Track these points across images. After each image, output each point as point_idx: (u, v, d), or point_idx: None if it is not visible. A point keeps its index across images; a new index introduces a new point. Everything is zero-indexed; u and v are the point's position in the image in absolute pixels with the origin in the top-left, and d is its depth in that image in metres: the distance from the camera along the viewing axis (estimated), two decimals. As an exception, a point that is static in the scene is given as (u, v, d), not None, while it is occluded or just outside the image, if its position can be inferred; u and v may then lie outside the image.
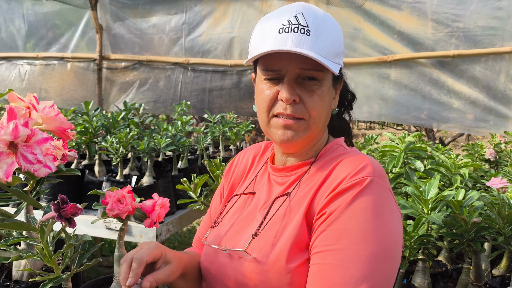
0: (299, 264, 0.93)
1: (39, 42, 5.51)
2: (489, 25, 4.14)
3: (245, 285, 0.99)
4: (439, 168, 2.02)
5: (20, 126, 0.63)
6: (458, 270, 1.84)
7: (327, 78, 1.02)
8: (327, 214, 0.92)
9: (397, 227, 0.93)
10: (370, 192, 0.91)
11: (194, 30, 5.06)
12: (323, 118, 1.04)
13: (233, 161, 1.31)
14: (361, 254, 0.86)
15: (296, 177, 1.08)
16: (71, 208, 0.88)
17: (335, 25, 1.02)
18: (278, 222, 1.00)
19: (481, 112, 4.20)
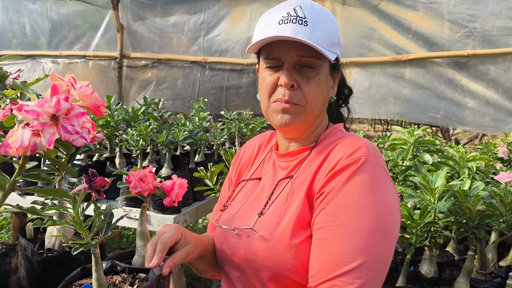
0: (302, 240, 1.01)
1: (62, 40, 5.68)
2: (505, 25, 4.15)
3: (253, 261, 1.08)
4: (447, 162, 2.07)
5: (61, 101, 0.73)
6: (464, 260, 1.89)
7: (324, 66, 1.10)
8: (326, 193, 1.00)
9: (393, 203, 0.99)
10: (365, 170, 0.98)
11: (213, 29, 5.17)
12: (319, 104, 1.11)
13: (240, 151, 1.41)
14: (358, 228, 0.93)
15: (298, 161, 1.16)
16: (100, 181, 0.97)
17: (331, 18, 1.11)
18: (282, 202, 1.09)
19: (497, 112, 4.21)
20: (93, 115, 1.64)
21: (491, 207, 1.55)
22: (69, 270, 1.14)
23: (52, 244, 1.19)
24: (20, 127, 0.76)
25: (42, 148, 0.76)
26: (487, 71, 4.18)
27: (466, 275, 1.59)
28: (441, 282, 1.72)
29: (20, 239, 1.22)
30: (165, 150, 2.72)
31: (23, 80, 1.18)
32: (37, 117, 0.72)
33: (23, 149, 0.75)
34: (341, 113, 1.31)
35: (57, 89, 0.74)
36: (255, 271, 1.07)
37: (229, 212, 1.22)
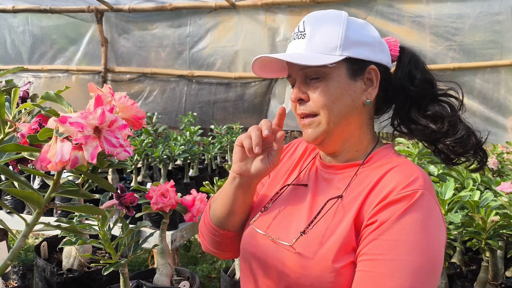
0: (344, 265, 0.97)
1: (43, 55, 5.58)
2: (487, 38, 4.26)
3: (287, 275, 1.03)
4: (450, 173, 2.08)
5: (106, 112, 0.69)
6: (473, 272, 1.89)
7: (335, 72, 1.05)
8: (379, 223, 0.95)
9: (442, 240, 0.97)
10: (421, 205, 0.95)
11: (198, 43, 5.15)
12: (336, 111, 1.06)
13: (288, 146, 1.35)
14: (410, 265, 0.90)
15: (344, 177, 1.11)
16: (130, 197, 0.93)
17: (335, 21, 1.06)
18: (327, 221, 1.03)
19: (481, 123, 4.29)
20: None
21: (507, 217, 1.55)
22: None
23: (71, 264, 1.13)
24: (59, 141, 0.71)
25: (83, 162, 0.71)
26: (473, 83, 4.27)
27: (481, 286, 1.58)
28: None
29: (38, 260, 1.15)
30: (161, 165, 2.66)
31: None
32: (82, 130, 0.67)
33: (63, 164, 0.71)
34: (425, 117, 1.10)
35: (101, 100, 0.70)
36: (288, 284, 1.03)
37: (268, 215, 1.16)
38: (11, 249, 0.74)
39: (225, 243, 1.25)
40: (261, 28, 4.91)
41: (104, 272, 0.87)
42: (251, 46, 4.98)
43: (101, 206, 0.91)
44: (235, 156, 1.13)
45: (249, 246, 1.14)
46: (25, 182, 0.77)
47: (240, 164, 1.12)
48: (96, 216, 0.88)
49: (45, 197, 0.74)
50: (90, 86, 0.76)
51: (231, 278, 2.00)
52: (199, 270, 4.13)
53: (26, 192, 0.68)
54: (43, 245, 1.21)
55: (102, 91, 0.76)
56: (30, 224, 0.75)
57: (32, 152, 0.78)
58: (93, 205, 0.81)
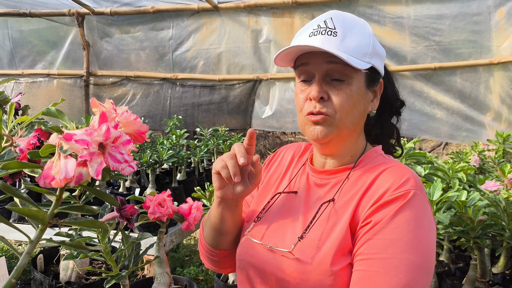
0: (342, 267, 0.99)
1: (24, 59, 5.49)
2: (466, 38, 4.34)
3: (287, 282, 1.04)
4: (436, 173, 2.13)
5: (111, 128, 0.69)
6: (460, 269, 1.93)
7: (357, 77, 1.07)
8: (373, 223, 0.98)
9: (434, 238, 1.01)
10: (413, 204, 0.98)
11: (181, 45, 5.13)
12: (351, 117, 1.08)
13: (273, 157, 1.36)
14: (405, 263, 0.93)
15: (337, 181, 1.13)
16: (131, 209, 0.93)
17: (365, 28, 1.09)
18: (322, 225, 1.05)
19: (461, 121, 4.38)
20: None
21: (494, 217, 1.59)
22: (90, 304, 1.08)
23: (69, 276, 1.12)
24: (63, 157, 0.71)
25: (88, 179, 0.72)
26: (453, 83, 4.35)
27: (470, 284, 1.62)
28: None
29: (35, 273, 1.14)
30: (150, 170, 2.65)
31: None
32: (87, 147, 0.68)
33: (67, 180, 0.71)
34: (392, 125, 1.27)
35: (106, 116, 0.70)
36: None
37: (262, 224, 1.17)
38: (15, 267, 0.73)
39: (223, 261, 1.27)
40: (244, 30, 4.92)
41: (106, 285, 0.87)
42: (234, 48, 4.98)
43: (101, 219, 0.91)
44: (214, 184, 1.13)
45: (246, 256, 1.15)
46: (27, 198, 0.77)
47: (221, 190, 1.12)
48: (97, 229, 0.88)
49: (49, 214, 0.74)
50: (93, 102, 0.77)
51: (224, 282, 2.01)
52: (187, 272, 4.12)
53: (33, 211, 0.68)
54: (39, 257, 1.20)
55: (105, 107, 0.77)
56: (34, 240, 0.74)
57: (34, 169, 0.77)
58: (96, 220, 0.81)
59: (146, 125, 0.83)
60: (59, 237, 0.90)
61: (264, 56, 4.91)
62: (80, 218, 0.81)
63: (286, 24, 4.80)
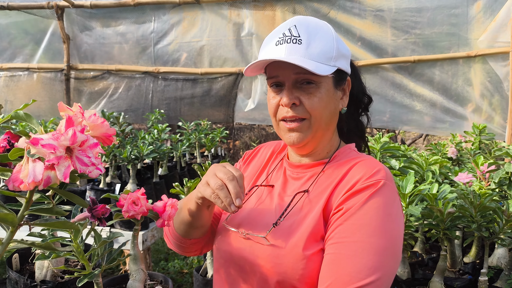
0: (314, 252, 1.04)
1: (2, 53, 5.41)
2: (445, 31, 4.40)
3: (262, 266, 1.10)
4: (411, 166, 2.18)
5: (77, 133, 0.71)
6: (433, 259, 1.99)
7: (326, 80, 1.13)
8: (344, 210, 1.04)
9: (402, 226, 1.07)
10: (383, 193, 1.04)
11: (163, 39, 5.11)
12: (324, 117, 1.15)
13: (253, 152, 1.42)
14: (373, 246, 0.98)
15: (312, 174, 1.19)
16: (102, 209, 0.95)
17: (328, 32, 1.14)
18: (296, 213, 1.12)
19: (441, 114, 4.45)
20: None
21: (462, 209, 1.64)
22: (65, 301, 1.10)
23: (44, 275, 1.14)
24: (31, 161, 0.73)
25: (56, 181, 0.74)
26: (432, 75, 4.41)
27: (440, 274, 1.68)
28: (416, 282, 1.80)
29: (10, 272, 1.15)
30: (130, 165, 2.66)
31: None
32: (54, 151, 0.70)
33: (35, 184, 0.73)
34: (360, 122, 1.33)
35: (72, 121, 0.72)
36: (262, 275, 1.09)
37: (239, 215, 1.23)
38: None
39: (191, 247, 1.33)
40: (226, 23, 4.92)
41: (78, 284, 0.89)
42: (216, 42, 4.98)
43: (73, 219, 0.93)
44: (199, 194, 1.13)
45: (223, 244, 1.21)
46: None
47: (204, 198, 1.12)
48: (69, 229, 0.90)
49: (19, 216, 0.76)
50: (60, 106, 0.78)
51: (203, 277, 2.04)
52: (171, 266, 4.15)
53: (2, 214, 0.69)
54: (14, 257, 1.21)
55: (73, 111, 0.78)
56: (5, 242, 0.76)
57: (3, 172, 0.79)
58: (67, 221, 0.83)
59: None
60: (32, 237, 0.92)
61: (246, 49, 4.92)
62: (51, 219, 0.83)
63: (268, 17, 4.81)
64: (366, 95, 1.31)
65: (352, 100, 1.26)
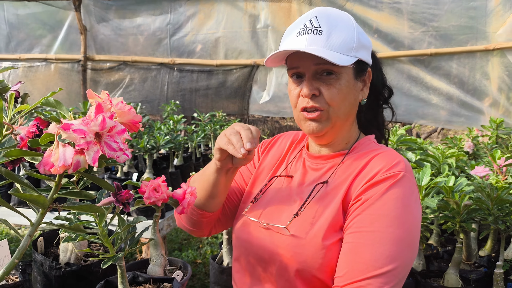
0: (333, 242, 1.06)
1: (21, 43, 5.49)
2: (463, 24, 4.35)
3: (282, 255, 1.12)
4: (427, 159, 2.18)
5: (107, 119, 0.73)
6: (448, 252, 2.00)
7: (345, 71, 1.13)
8: (363, 200, 1.06)
9: (420, 217, 1.08)
10: (402, 185, 1.06)
11: (179, 30, 5.14)
12: (344, 108, 1.15)
13: (272, 141, 1.43)
14: (390, 236, 1.00)
15: (331, 165, 1.20)
16: (126, 194, 0.98)
17: (349, 23, 1.14)
18: (316, 204, 1.13)
19: (457, 107, 4.40)
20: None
21: (479, 202, 1.64)
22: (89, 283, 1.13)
23: (68, 258, 1.18)
24: (61, 145, 0.76)
25: (85, 166, 0.76)
26: (449, 69, 4.37)
27: (456, 266, 1.68)
28: (431, 274, 1.81)
29: (36, 255, 1.19)
30: (147, 155, 2.70)
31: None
32: (84, 136, 0.72)
33: (65, 167, 0.75)
34: (380, 114, 1.33)
35: (101, 107, 0.75)
36: (282, 264, 1.11)
37: (259, 205, 1.24)
38: (17, 248, 0.78)
39: (201, 222, 1.33)
40: (241, 15, 4.92)
41: (103, 266, 0.92)
42: (232, 33, 4.99)
43: (98, 204, 0.96)
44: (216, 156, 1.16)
45: (243, 233, 1.23)
46: (28, 184, 0.81)
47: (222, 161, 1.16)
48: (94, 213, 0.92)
49: (48, 199, 0.79)
50: (89, 93, 0.81)
51: (219, 265, 2.07)
52: (185, 256, 4.20)
53: (34, 196, 0.72)
54: (39, 240, 1.25)
55: (101, 98, 0.81)
56: (35, 224, 0.79)
57: (34, 156, 0.82)
58: (93, 204, 0.86)
59: (140, 115, 0.87)
60: (59, 220, 0.95)
61: (261, 41, 4.92)
62: (78, 202, 0.86)
63: (284, 9, 4.80)
64: (386, 87, 1.30)
65: (372, 91, 1.26)
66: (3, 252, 0.99)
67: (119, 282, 0.99)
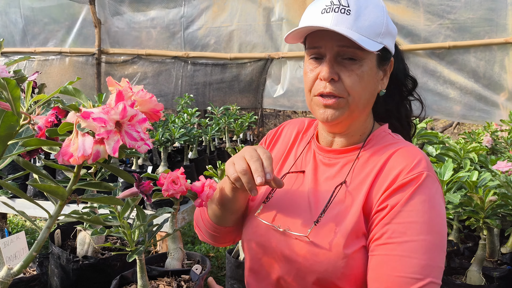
0: (355, 250, 1.00)
1: (36, 37, 5.51)
2: (481, 16, 4.26)
3: (299, 263, 1.05)
4: (448, 153, 2.13)
5: (128, 107, 0.70)
6: (469, 249, 1.95)
7: (369, 58, 1.05)
8: (389, 207, 1.00)
9: (445, 215, 1.03)
10: (426, 186, 1.00)
11: (193, 23, 5.11)
12: (363, 98, 1.07)
13: (277, 132, 1.34)
14: (423, 244, 0.95)
15: (346, 161, 1.13)
16: (148, 185, 0.96)
17: (379, 6, 1.05)
18: (335, 208, 1.06)
19: (474, 101, 4.32)
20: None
21: (505, 197, 1.60)
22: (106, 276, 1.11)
23: (85, 251, 1.16)
24: (80, 135, 0.73)
25: (105, 156, 0.74)
26: (467, 62, 4.28)
27: (479, 263, 1.64)
28: (452, 271, 1.76)
29: (53, 247, 1.17)
30: (162, 148, 2.68)
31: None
32: (104, 125, 0.69)
33: (85, 158, 0.73)
34: (404, 107, 1.24)
35: (122, 95, 0.72)
36: (299, 272, 1.05)
37: (271, 205, 1.16)
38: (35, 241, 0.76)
39: (224, 237, 1.28)
40: (256, 8, 4.88)
41: (129, 259, 0.90)
42: (246, 27, 4.95)
43: (118, 196, 0.93)
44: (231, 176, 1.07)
45: (255, 236, 1.15)
46: (47, 175, 0.79)
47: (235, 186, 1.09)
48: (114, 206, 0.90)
49: (67, 190, 0.77)
50: (109, 80, 0.78)
51: (235, 259, 2.05)
52: (198, 249, 4.19)
53: (53, 187, 0.70)
54: (56, 232, 1.24)
55: (121, 86, 0.78)
56: (54, 215, 0.77)
57: (52, 146, 0.79)
58: (113, 196, 0.83)
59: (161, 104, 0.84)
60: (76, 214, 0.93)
61: (276, 34, 4.87)
62: (97, 194, 0.83)
63: (299, 2, 4.74)
64: (409, 77, 1.22)
65: (392, 81, 1.17)
66: (21, 244, 0.97)
67: (139, 276, 0.97)
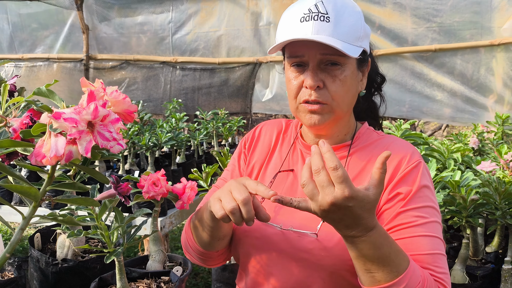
0: None
1: (23, 43, 5.49)
2: (467, 19, 4.30)
3: (306, 260, 1.05)
4: (432, 154, 2.14)
5: (99, 107, 0.70)
6: (454, 249, 1.96)
7: (351, 62, 1.07)
8: (400, 196, 1.05)
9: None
10: (424, 172, 1.08)
11: (181, 28, 5.11)
12: (346, 101, 1.10)
13: (254, 134, 1.32)
14: (434, 224, 1.03)
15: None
16: (126, 187, 0.95)
17: (355, 10, 1.07)
18: None
19: (462, 104, 4.36)
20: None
21: (486, 196, 1.61)
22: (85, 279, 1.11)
23: (65, 254, 1.15)
24: (53, 135, 0.73)
25: (78, 157, 0.74)
26: (454, 64, 4.32)
27: (462, 262, 1.65)
28: (437, 270, 1.77)
29: (32, 251, 1.17)
30: (148, 152, 2.68)
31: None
32: (76, 125, 0.69)
33: (57, 158, 0.73)
34: (373, 102, 1.30)
35: (94, 95, 0.72)
36: (306, 269, 1.05)
37: (267, 205, 1.11)
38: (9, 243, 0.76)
39: (215, 259, 1.23)
40: (244, 12, 4.89)
41: (106, 261, 0.89)
42: (234, 31, 4.96)
43: (96, 198, 0.93)
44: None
45: (253, 239, 1.13)
46: (21, 176, 0.79)
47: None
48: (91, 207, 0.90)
49: (41, 191, 0.76)
50: (83, 81, 0.78)
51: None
52: (188, 255, 4.18)
53: (25, 187, 0.70)
54: (36, 236, 1.23)
55: (94, 86, 0.78)
56: (27, 217, 0.77)
57: (26, 147, 0.79)
58: (89, 197, 0.83)
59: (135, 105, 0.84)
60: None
61: (264, 39, 4.89)
62: (72, 195, 0.83)
63: (286, 6, 4.73)
64: (379, 74, 1.26)
65: (369, 80, 1.21)
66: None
67: (118, 278, 0.96)
